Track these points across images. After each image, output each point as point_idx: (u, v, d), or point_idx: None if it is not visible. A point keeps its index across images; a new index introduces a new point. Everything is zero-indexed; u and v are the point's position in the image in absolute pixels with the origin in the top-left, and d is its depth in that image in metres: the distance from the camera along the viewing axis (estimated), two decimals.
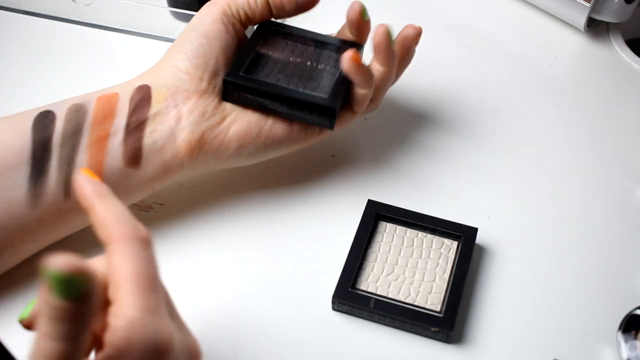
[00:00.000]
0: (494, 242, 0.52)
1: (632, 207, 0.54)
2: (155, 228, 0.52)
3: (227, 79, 0.49)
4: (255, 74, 0.50)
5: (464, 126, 0.59)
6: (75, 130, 0.46)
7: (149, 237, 0.35)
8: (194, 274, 0.50)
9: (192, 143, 0.48)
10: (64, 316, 0.29)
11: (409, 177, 0.55)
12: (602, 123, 0.60)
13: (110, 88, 0.48)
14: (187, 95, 0.48)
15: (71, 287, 0.29)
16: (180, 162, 0.48)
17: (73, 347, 0.30)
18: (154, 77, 0.49)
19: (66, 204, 0.45)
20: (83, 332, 0.30)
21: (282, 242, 0.51)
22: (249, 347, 0.46)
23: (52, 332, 0.29)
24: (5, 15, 0.66)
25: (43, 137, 0.45)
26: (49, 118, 0.46)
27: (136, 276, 0.33)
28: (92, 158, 0.46)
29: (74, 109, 0.46)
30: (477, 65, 0.64)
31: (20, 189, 0.44)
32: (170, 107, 0.48)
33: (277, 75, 0.51)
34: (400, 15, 0.68)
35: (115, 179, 0.46)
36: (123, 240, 0.34)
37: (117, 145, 0.46)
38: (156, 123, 0.47)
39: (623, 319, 0.46)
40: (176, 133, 0.47)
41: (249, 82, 0.49)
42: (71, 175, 0.45)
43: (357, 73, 0.48)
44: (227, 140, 0.49)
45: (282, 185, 0.54)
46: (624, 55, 0.65)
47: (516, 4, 0.70)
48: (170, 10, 0.64)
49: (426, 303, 0.47)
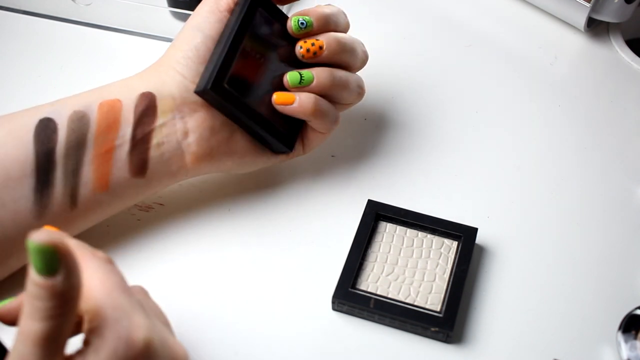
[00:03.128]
0: (494, 242, 0.52)
1: (632, 207, 0.54)
2: (155, 228, 0.52)
3: (208, 89, 0.46)
4: (235, 86, 0.47)
5: (464, 126, 0.59)
6: (79, 141, 0.45)
7: (109, 257, 0.36)
8: (193, 274, 0.49)
9: (200, 157, 0.48)
10: (44, 294, 0.30)
11: (409, 177, 0.55)
12: (602, 123, 0.60)
13: (111, 90, 0.47)
14: (193, 107, 0.48)
15: (47, 259, 0.29)
16: (186, 172, 0.49)
17: (54, 327, 0.30)
18: (158, 84, 0.47)
19: (72, 213, 0.46)
20: (65, 312, 0.30)
21: (282, 242, 0.51)
22: (249, 347, 0.46)
23: (34, 311, 0.30)
24: (5, 15, 0.66)
25: (46, 149, 0.45)
26: (50, 127, 0.45)
27: (103, 284, 0.34)
28: (98, 170, 0.46)
29: (76, 117, 0.46)
30: (477, 65, 0.64)
31: (26, 201, 0.44)
32: (177, 120, 0.47)
33: (253, 86, 0.49)
34: (401, 15, 0.68)
35: (122, 189, 0.47)
36: (83, 261, 0.34)
37: (123, 157, 0.46)
38: (162, 135, 0.47)
39: (623, 319, 0.46)
40: (183, 147, 0.47)
41: (226, 100, 0.47)
42: (78, 187, 0.45)
43: (288, 112, 0.49)
44: (231, 152, 0.49)
45: (282, 185, 0.54)
46: (624, 55, 0.65)
47: (516, 4, 0.70)
48: (170, 10, 0.64)
49: (426, 303, 0.47)
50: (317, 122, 0.50)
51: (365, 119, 0.59)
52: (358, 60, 0.52)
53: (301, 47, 0.50)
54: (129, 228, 0.51)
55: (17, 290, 0.47)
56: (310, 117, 0.50)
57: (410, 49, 0.65)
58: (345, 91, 0.51)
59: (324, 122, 0.50)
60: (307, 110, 0.49)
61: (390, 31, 0.67)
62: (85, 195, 0.46)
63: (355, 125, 0.58)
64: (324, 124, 0.51)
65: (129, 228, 0.51)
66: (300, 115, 0.49)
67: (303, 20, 0.50)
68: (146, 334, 0.33)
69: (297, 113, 0.49)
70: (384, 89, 0.61)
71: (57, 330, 0.30)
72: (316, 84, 0.50)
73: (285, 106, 0.49)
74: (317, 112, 0.50)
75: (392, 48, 0.65)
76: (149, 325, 0.34)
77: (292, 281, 0.49)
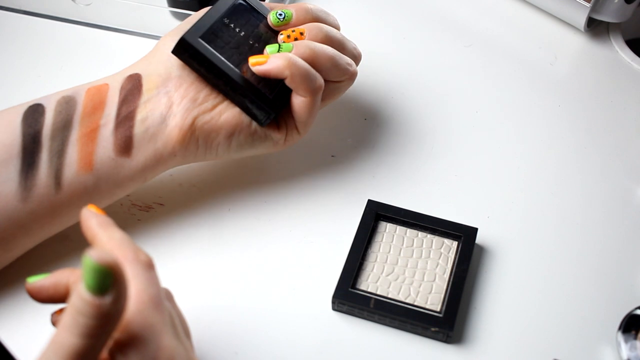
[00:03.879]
0: (494, 242, 0.52)
1: (632, 207, 0.54)
2: (155, 228, 0.52)
3: (185, 37, 0.47)
4: (212, 43, 0.48)
5: (464, 126, 0.59)
6: (65, 122, 0.46)
7: (151, 261, 0.35)
8: (193, 274, 0.50)
9: (184, 128, 0.47)
10: (89, 311, 0.30)
11: (409, 177, 0.55)
12: (602, 123, 0.60)
13: (101, 79, 0.48)
14: (178, 82, 0.48)
15: (101, 279, 0.29)
16: (172, 149, 0.48)
17: (90, 346, 0.30)
18: (145, 65, 0.49)
19: (58, 196, 0.45)
20: (102, 334, 0.30)
21: (282, 242, 0.51)
22: (249, 347, 0.46)
23: (75, 325, 0.30)
24: (5, 15, 0.66)
25: (33, 131, 0.45)
26: (38, 111, 0.46)
27: (138, 296, 0.33)
28: (83, 149, 0.46)
29: (64, 101, 0.46)
30: (477, 66, 0.64)
31: (12, 183, 0.44)
32: (162, 94, 0.47)
33: (231, 51, 0.49)
34: (401, 15, 0.68)
35: (106, 170, 0.46)
36: (124, 263, 0.34)
37: (108, 136, 0.46)
38: (147, 110, 0.47)
39: (623, 319, 0.46)
40: (167, 120, 0.47)
41: (202, 51, 0.47)
42: (62, 168, 0.45)
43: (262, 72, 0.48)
44: (217, 127, 0.48)
45: (282, 185, 0.54)
46: (624, 55, 0.65)
47: (516, 4, 0.70)
48: (170, 10, 0.64)
49: (426, 303, 0.47)
50: (294, 82, 0.48)
51: (365, 119, 0.59)
52: (347, 54, 0.51)
53: (282, 35, 0.50)
54: (129, 228, 0.51)
55: (15, 289, 0.47)
56: (285, 74, 0.47)
57: (410, 49, 0.65)
58: (329, 63, 0.49)
59: (302, 82, 0.48)
60: (280, 65, 0.47)
61: (390, 31, 0.67)
62: (69, 176, 0.45)
63: (355, 125, 0.58)
64: (302, 84, 0.48)
65: (129, 228, 0.51)
66: (273, 72, 0.48)
67: (281, 12, 0.50)
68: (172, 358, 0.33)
69: (270, 70, 0.48)
70: (383, 89, 0.61)
71: (92, 349, 0.30)
72: (295, 51, 0.48)
73: (260, 67, 0.48)
74: (291, 68, 0.47)
75: (392, 48, 0.65)
76: (175, 349, 0.33)
77: (292, 281, 0.49)
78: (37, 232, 0.46)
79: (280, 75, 0.48)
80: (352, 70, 0.51)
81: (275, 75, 0.48)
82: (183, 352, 0.34)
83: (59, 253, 0.49)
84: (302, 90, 0.49)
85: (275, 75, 0.48)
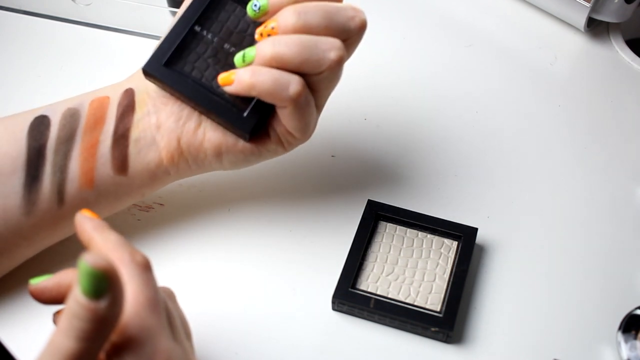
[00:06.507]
0: (494, 242, 0.52)
1: (632, 207, 0.54)
2: (155, 228, 0.52)
3: (145, 68, 0.45)
4: (183, 60, 0.46)
5: (463, 126, 0.59)
6: (69, 136, 0.46)
7: (147, 263, 0.35)
8: (193, 274, 0.50)
9: (171, 150, 0.46)
10: (85, 315, 0.30)
11: (409, 177, 0.55)
12: (602, 123, 0.60)
13: (104, 89, 0.48)
14: (164, 101, 0.47)
15: (96, 283, 0.29)
16: (165, 169, 0.47)
17: (86, 349, 0.30)
18: (139, 80, 0.48)
19: (60, 211, 0.45)
20: (99, 337, 0.30)
21: (282, 242, 0.51)
22: (249, 347, 0.46)
23: (71, 329, 0.30)
24: (5, 15, 0.66)
25: (38, 144, 0.45)
26: (44, 124, 0.46)
27: (135, 298, 0.33)
28: (84, 165, 0.46)
29: (68, 114, 0.46)
30: (477, 66, 0.64)
31: (15, 196, 0.44)
32: (152, 114, 0.47)
33: (207, 61, 0.46)
34: (401, 15, 0.68)
35: (106, 187, 0.46)
36: (120, 265, 0.34)
37: (106, 152, 0.46)
38: (139, 131, 0.46)
39: (623, 319, 0.46)
40: (157, 141, 0.47)
41: (164, 79, 0.45)
42: (65, 184, 0.45)
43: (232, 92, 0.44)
44: (203, 148, 0.46)
45: (282, 185, 0.54)
46: (624, 55, 0.65)
47: (516, 4, 0.70)
48: (170, 10, 0.64)
49: (426, 303, 0.47)
50: (265, 97, 0.43)
51: (365, 119, 0.59)
52: (339, 25, 0.44)
53: (256, 33, 0.44)
54: (129, 228, 0.51)
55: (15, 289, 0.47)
56: (251, 93, 0.43)
57: (410, 49, 0.65)
58: (298, 60, 0.42)
59: (272, 94, 0.43)
60: (244, 83, 0.43)
61: (390, 31, 0.67)
62: (72, 192, 0.45)
63: (355, 125, 0.58)
64: (274, 97, 0.43)
65: (129, 228, 0.51)
66: (242, 92, 0.43)
67: (256, 3, 0.44)
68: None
69: (238, 91, 0.43)
70: (384, 89, 0.61)
71: (88, 353, 0.30)
72: (258, 59, 0.43)
73: (228, 87, 0.44)
74: (256, 84, 0.42)
75: (392, 48, 0.65)
76: (172, 351, 0.33)
77: (292, 281, 0.49)
78: (39, 242, 0.46)
79: (249, 94, 0.43)
80: (332, 58, 0.42)
81: (245, 95, 0.44)
82: (181, 354, 0.34)
83: (59, 253, 0.49)
84: (277, 102, 0.43)
85: (245, 95, 0.44)
